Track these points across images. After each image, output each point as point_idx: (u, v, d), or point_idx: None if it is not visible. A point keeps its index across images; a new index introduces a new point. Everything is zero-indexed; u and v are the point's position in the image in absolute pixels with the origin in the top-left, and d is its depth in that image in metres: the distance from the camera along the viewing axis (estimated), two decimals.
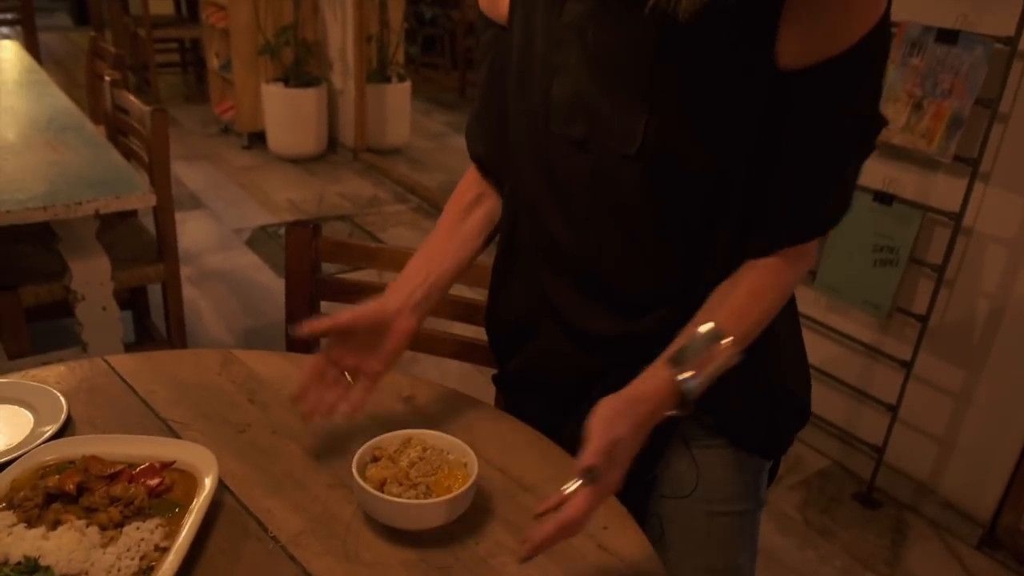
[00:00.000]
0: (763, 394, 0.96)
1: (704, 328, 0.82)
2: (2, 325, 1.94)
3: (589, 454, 0.75)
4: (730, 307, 0.84)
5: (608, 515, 0.89)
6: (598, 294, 0.95)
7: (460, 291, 1.30)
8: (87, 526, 0.76)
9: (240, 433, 0.98)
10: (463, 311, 1.31)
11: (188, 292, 2.98)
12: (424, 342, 1.34)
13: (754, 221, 0.85)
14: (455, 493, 0.81)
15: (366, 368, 0.96)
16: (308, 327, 0.95)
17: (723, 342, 0.81)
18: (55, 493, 0.79)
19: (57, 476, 0.81)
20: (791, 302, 0.99)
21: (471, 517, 0.85)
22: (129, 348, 2.30)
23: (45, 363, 1.97)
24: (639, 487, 0.98)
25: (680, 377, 0.80)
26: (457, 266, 1.04)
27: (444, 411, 1.06)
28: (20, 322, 1.95)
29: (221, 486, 0.88)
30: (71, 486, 0.79)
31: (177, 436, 0.96)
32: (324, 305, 1.39)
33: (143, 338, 2.50)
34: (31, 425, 0.95)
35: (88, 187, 1.77)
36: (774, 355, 0.96)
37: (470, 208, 1.07)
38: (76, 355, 1.99)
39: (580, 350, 0.98)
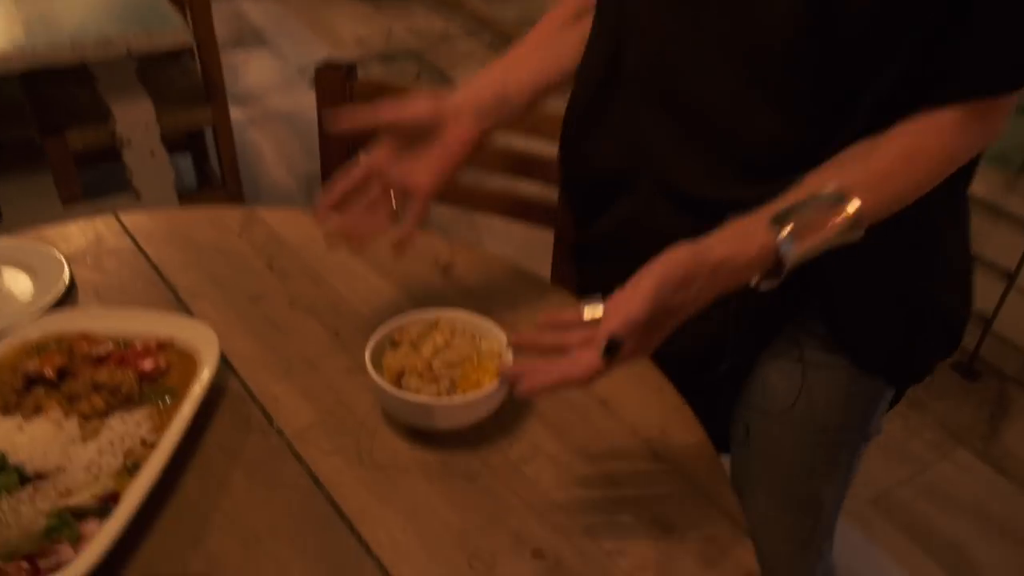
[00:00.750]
0: (905, 310, 0.77)
1: (829, 188, 0.63)
2: (52, 169, 1.89)
3: (621, 320, 0.58)
4: (870, 167, 0.64)
5: (666, 414, 0.75)
6: (711, 148, 0.74)
7: (515, 140, 1.13)
8: (67, 417, 0.68)
9: (253, 304, 0.87)
10: (515, 164, 1.14)
11: (250, 134, 2.88)
12: (470, 197, 1.19)
13: (937, 62, 0.63)
14: (480, 393, 0.68)
15: (413, 182, 0.75)
16: (347, 119, 0.76)
17: (848, 208, 0.62)
18: (35, 377, 0.71)
19: (38, 358, 0.72)
20: (961, 197, 0.76)
21: (504, 414, 0.73)
22: (189, 194, 2.25)
23: (98, 210, 1.92)
24: (722, 385, 0.84)
25: (781, 237, 0.61)
26: (545, 78, 0.82)
27: (486, 283, 0.93)
28: (70, 166, 1.88)
29: (226, 367, 0.78)
30: (50, 371, 0.70)
31: (185, 306, 0.86)
32: (364, 158, 1.24)
33: (203, 183, 2.43)
34: (29, 294, 0.86)
35: (118, 24, 1.63)
36: (928, 261, 0.76)
37: (575, 20, 0.84)
38: (130, 202, 1.93)
39: (681, 215, 0.77)
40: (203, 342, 0.76)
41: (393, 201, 0.76)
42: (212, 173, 2.42)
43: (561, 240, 1.15)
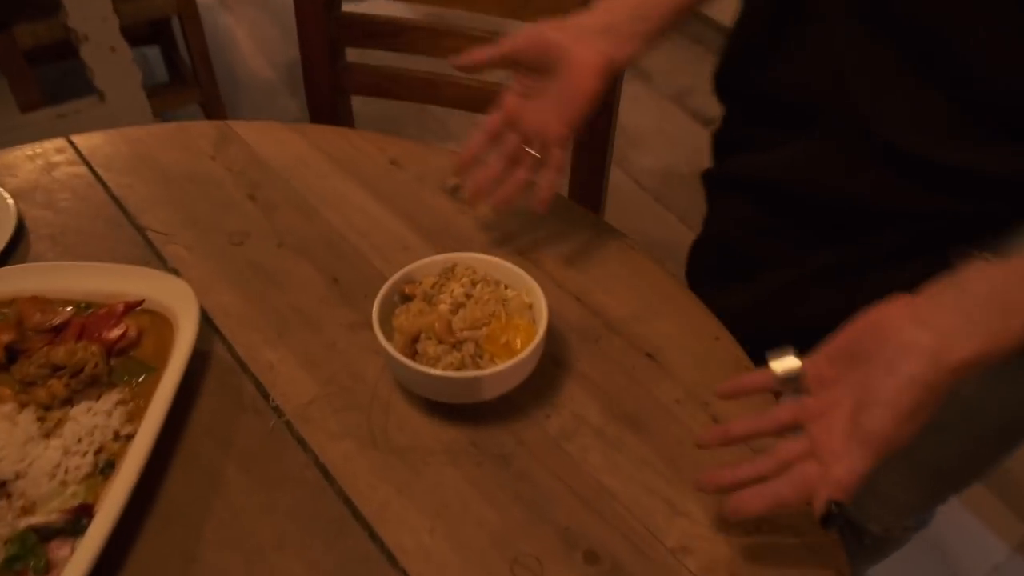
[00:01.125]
0: None
1: None
2: (5, 72, 1.70)
3: (845, 482, 0.45)
4: None
5: (726, 373, 0.65)
6: (940, 88, 0.53)
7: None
8: (21, 408, 0.57)
9: (237, 246, 0.75)
10: None
11: (222, 19, 2.64)
12: (470, 96, 1.04)
13: None
14: (513, 361, 0.57)
15: (545, 129, 0.65)
16: (468, 58, 0.67)
17: None
18: None
19: None
20: None
21: (538, 376, 0.62)
22: (159, 89, 2.06)
23: (60, 115, 1.76)
24: None
25: None
26: None
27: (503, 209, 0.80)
28: (22, 67, 1.69)
29: (210, 329, 0.67)
30: None
31: (156, 251, 0.74)
32: (351, 53, 1.08)
33: (174, 77, 2.23)
34: None
35: None
36: None
37: None
38: (93, 106, 1.76)
39: (878, 170, 0.58)
40: (180, 300, 0.64)
41: (531, 151, 0.68)
42: (183, 65, 2.22)
43: (583, 146, 1.01)
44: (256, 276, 0.72)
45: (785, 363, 0.50)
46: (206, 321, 0.67)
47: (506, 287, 0.65)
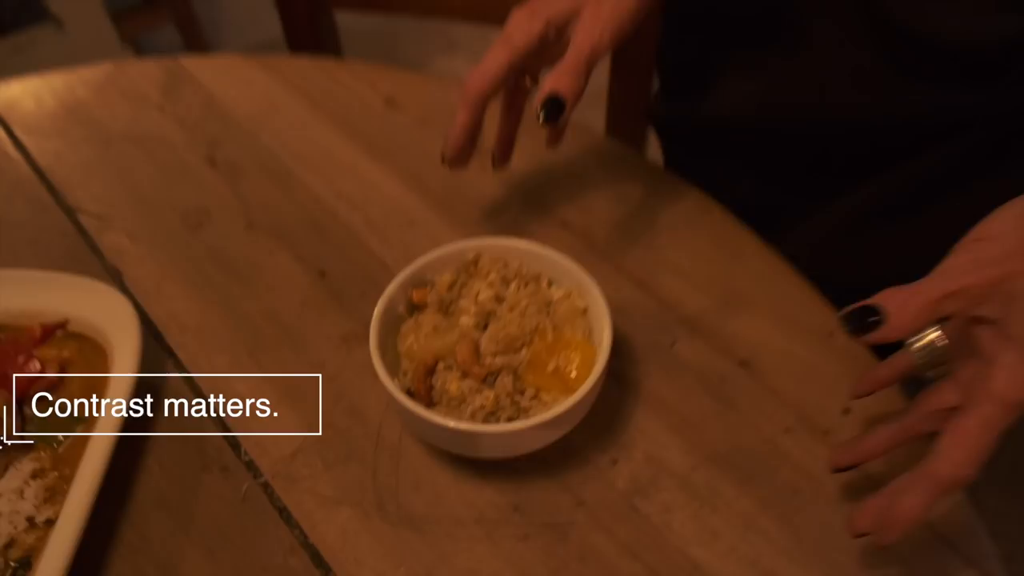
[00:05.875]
0: None
1: None
2: None
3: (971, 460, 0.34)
4: None
5: (846, 378, 0.49)
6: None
7: None
8: None
9: (192, 231, 0.58)
10: None
11: None
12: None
13: None
14: (569, 403, 0.41)
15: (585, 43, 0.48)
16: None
17: None
18: None
19: None
20: None
21: (597, 403, 0.46)
22: (129, 13, 1.84)
23: (17, 48, 1.56)
24: None
25: None
26: None
27: (536, 161, 0.62)
28: None
29: (159, 350, 0.51)
30: None
31: (90, 240, 0.57)
32: (342, 19, 0.88)
33: None
34: None
35: None
36: None
37: None
38: (52, 34, 1.56)
39: (899, 75, 0.49)
40: (115, 318, 0.48)
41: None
42: None
43: (629, 70, 0.81)
44: (219, 271, 0.56)
45: (924, 338, 0.39)
46: (154, 339, 0.51)
47: (550, 283, 0.48)
